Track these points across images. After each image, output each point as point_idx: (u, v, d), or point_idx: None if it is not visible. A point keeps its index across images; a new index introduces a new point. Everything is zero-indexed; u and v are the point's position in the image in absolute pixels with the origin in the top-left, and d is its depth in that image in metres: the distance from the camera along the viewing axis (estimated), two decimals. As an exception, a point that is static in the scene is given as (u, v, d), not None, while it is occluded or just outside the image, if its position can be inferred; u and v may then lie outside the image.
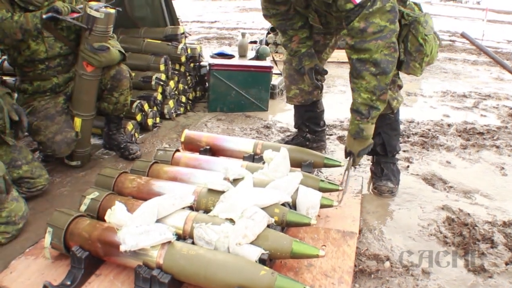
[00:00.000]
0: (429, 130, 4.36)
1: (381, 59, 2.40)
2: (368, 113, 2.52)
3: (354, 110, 2.57)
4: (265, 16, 3.12)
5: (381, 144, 2.96)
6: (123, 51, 3.30)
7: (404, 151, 3.74)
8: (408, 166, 3.46)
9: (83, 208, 2.32)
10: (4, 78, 4.15)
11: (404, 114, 4.68)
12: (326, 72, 3.16)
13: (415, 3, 2.75)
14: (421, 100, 5.68)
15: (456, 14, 22.21)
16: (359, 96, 2.52)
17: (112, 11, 2.99)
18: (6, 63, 4.48)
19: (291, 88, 3.39)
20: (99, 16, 2.86)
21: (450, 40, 11.87)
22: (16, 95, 3.59)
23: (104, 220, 2.10)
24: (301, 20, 2.99)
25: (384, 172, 3.00)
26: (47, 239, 2.09)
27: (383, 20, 2.35)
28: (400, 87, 2.85)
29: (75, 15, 2.98)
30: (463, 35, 3.62)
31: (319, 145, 3.65)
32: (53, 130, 3.03)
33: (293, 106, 3.57)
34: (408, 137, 4.12)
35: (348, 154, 2.72)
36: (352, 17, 2.39)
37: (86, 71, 3.07)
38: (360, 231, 2.51)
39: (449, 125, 4.55)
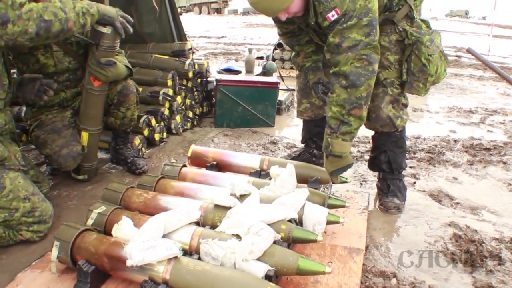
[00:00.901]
0: (435, 146, 4.36)
1: (351, 71, 2.42)
2: (337, 128, 2.52)
3: (327, 124, 2.60)
4: (278, 34, 3.19)
5: (387, 161, 2.96)
6: (130, 66, 3.32)
7: (410, 167, 3.74)
8: (414, 183, 3.45)
9: (90, 222, 2.32)
10: None
11: (410, 130, 4.68)
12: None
13: (423, 20, 2.76)
14: (427, 116, 5.68)
15: (462, 30, 22.28)
16: (330, 110, 2.54)
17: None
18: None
19: (302, 102, 3.42)
20: (106, 32, 2.87)
21: (456, 56, 11.90)
22: (24, 108, 3.65)
23: (111, 235, 2.11)
24: (307, 36, 3.02)
25: (391, 188, 3.00)
26: (54, 252, 2.10)
27: (359, 35, 2.39)
28: (405, 105, 2.85)
29: None
30: (469, 51, 3.63)
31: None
32: (59, 144, 3.05)
33: (301, 120, 3.57)
34: (414, 153, 4.12)
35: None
36: (329, 33, 2.46)
37: (93, 86, 3.08)
38: (366, 247, 2.50)
39: (455, 141, 4.54)
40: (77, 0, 2.56)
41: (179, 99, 4.49)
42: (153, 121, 4.09)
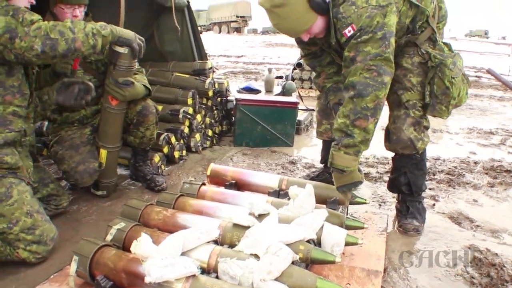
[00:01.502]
0: (455, 167, 4.32)
1: (359, 81, 2.41)
2: (340, 140, 2.51)
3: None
4: (301, 55, 3.22)
5: (407, 183, 2.94)
6: (148, 86, 3.34)
7: (430, 189, 3.71)
8: (434, 204, 3.42)
9: (109, 238, 2.33)
10: None
11: (430, 151, 4.65)
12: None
13: (445, 43, 2.77)
14: (447, 137, 5.65)
15: (482, 50, 22.16)
16: (336, 122, 2.54)
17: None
18: None
19: (322, 123, 3.42)
20: (123, 51, 2.90)
21: (476, 76, 11.85)
22: (46, 123, 3.72)
23: (129, 251, 2.12)
24: (329, 57, 3.04)
25: (410, 210, 2.97)
26: (73, 267, 2.12)
27: (374, 48, 2.40)
28: (426, 128, 2.84)
29: None
30: (489, 71, 3.62)
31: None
32: (76, 160, 3.09)
33: (321, 141, 3.58)
34: (434, 175, 4.09)
35: None
36: (345, 48, 2.48)
37: (111, 105, 3.12)
38: (385, 269, 2.47)
39: (475, 163, 4.50)
40: (91, 22, 2.61)
41: (199, 117, 4.52)
42: (173, 139, 4.12)
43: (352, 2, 2.41)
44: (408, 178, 2.92)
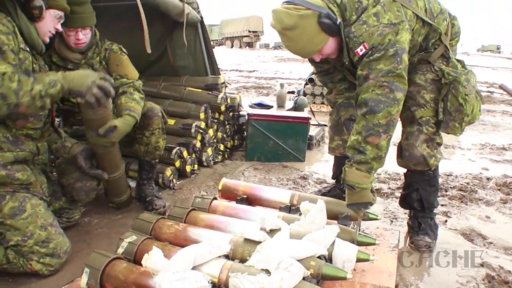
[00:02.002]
0: (467, 183, 4.29)
1: (371, 98, 2.42)
2: (353, 156, 2.50)
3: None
4: (313, 72, 3.25)
5: (419, 200, 2.93)
6: (135, 115, 3.05)
7: (442, 205, 3.69)
8: (446, 221, 3.39)
9: (120, 250, 2.34)
10: None
11: (442, 167, 4.61)
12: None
13: (458, 60, 2.77)
14: (459, 153, 5.62)
15: (494, 65, 22.06)
16: (349, 139, 2.53)
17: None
18: None
19: (334, 138, 3.41)
20: (80, 101, 2.55)
21: (488, 91, 11.80)
22: None
23: (140, 264, 2.13)
24: (341, 74, 3.05)
25: (422, 226, 2.95)
26: (84, 279, 2.13)
27: (386, 65, 2.40)
28: (439, 144, 2.83)
29: None
30: (501, 87, 3.61)
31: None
32: (74, 176, 3.02)
33: (332, 156, 3.57)
34: (446, 191, 4.06)
35: None
36: (358, 67, 2.50)
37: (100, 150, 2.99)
38: (396, 286, 2.45)
39: (488, 179, 4.47)
40: (42, 77, 2.36)
41: (211, 132, 4.54)
42: (185, 153, 4.14)
43: (363, 21, 2.42)
44: (420, 195, 2.91)
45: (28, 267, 2.44)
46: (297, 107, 6.36)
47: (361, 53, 2.44)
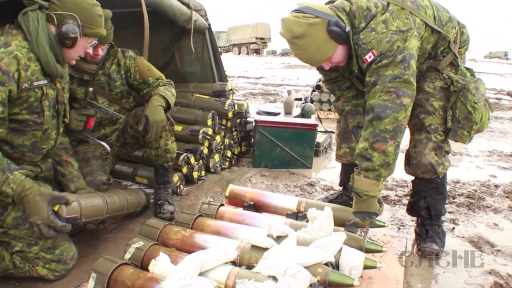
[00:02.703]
0: (475, 191, 4.27)
1: (377, 104, 2.41)
2: (360, 164, 2.49)
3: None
4: (322, 81, 3.26)
5: (426, 207, 2.91)
6: (165, 93, 3.28)
7: (449, 212, 3.67)
8: (453, 228, 3.37)
9: (127, 256, 2.35)
10: None
11: (450, 174, 4.57)
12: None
13: (467, 69, 2.77)
14: (466, 160, 5.60)
15: (502, 71, 21.98)
16: (357, 147, 2.53)
17: None
18: None
19: (342, 146, 3.39)
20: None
21: (496, 98, 11.75)
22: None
23: (147, 270, 2.13)
24: (348, 81, 3.05)
25: (429, 234, 2.94)
26: (91, 284, 2.14)
27: (394, 71, 2.41)
28: (447, 152, 2.82)
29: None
30: (509, 94, 3.61)
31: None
32: (85, 172, 3.10)
33: (340, 164, 3.55)
34: (453, 198, 4.04)
35: None
36: (367, 74, 2.50)
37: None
38: (403, 294, 2.45)
39: (496, 186, 4.45)
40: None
41: (218, 138, 4.55)
42: (192, 159, 4.15)
43: (371, 29, 2.44)
44: (428, 202, 2.90)
45: (34, 272, 2.44)
46: (304, 114, 6.35)
47: (369, 60, 2.45)
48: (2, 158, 2.23)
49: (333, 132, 5.78)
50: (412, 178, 2.98)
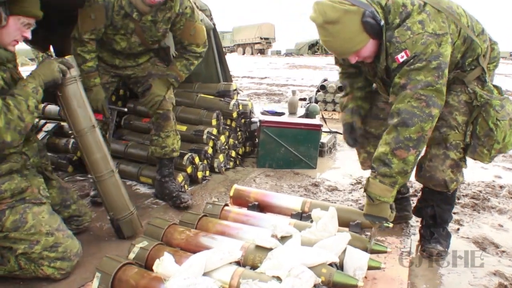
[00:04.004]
0: (480, 191, 4.25)
1: (405, 109, 2.33)
2: (378, 168, 2.41)
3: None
4: (338, 72, 3.16)
5: (432, 215, 2.88)
6: (173, 75, 3.63)
7: (454, 213, 3.63)
8: (458, 229, 3.36)
9: (131, 256, 2.36)
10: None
11: (455, 175, 4.59)
12: (360, 132, 3.05)
13: (495, 86, 2.65)
14: (471, 160, 5.52)
15: (507, 72, 21.86)
16: (376, 151, 2.45)
17: None
18: (48, 108, 4.77)
19: (360, 152, 3.26)
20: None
21: (502, 100, 11.69)
22: (72, 141, 3.87)
23: (151, 270, 2.14)
24: (362, 82, 3.01)
25: (434, 235, 2.93)
26: (95, 283, 2.14)
27: (427, 77, 2.32)
28: (463, 167, 2.75)
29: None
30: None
31: (402, 215, 3.36)
32: None
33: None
34: (458, 199, 4.02)
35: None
36: (397, 74, 2.41)
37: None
38: (408, 295, 2.44)
39: (501, 187, 4.42)
40: (27, 88, 2.40)
41: (222, 138, 4.55)
42: (197, 159, 4.15)
43: (407, 27, 2.35)
44: (435, 211, 2.85)
45: (40, 272, 2.44)
46: (308, 114, 6.34)
47: (401, 60, 2.36)
48: (18, 100, 2.32)
49: (338, 132, 5.78)
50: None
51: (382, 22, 2.38)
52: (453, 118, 2.61)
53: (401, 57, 2.36)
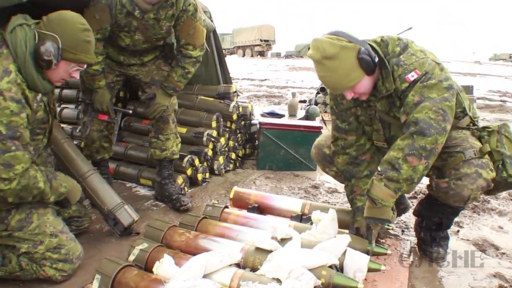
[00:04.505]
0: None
1: (423, 119, 2.32)
2: (385, 171, 2.39)
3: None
4: (331, 114, 3.05)
5: (439, 224, 2.86)
6: (171, 87, 3.58)
7: (454, 215, 3.65)
8: (458, 231, 3.36)
9: (131, 258, 2.36)
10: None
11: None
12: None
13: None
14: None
15: (507, 73, 21.87)
16: (387, 154, 2.43)
17: None
18: (64, 112, 4.79)
19: (326, 171, 3.25)
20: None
21: (501, 101, 11.70)
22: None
23: (151, 272, 2.14)
24: (355, 134, 2.89)
25: (436, 239, 2.91)
26: (95, 285, 2.15)
27: (440, 95, 2.35)
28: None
29: None
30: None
31: (399, 209, 3.32)
32: None
33: None
34: (458, 202, 4.02)
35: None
36: (408, 94, 2.42)
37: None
38: (408, 297, 2.44)
39: (501, 190, 4.42)
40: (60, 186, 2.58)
41: (222, 140, 4.55)
42: (197, 161, 4.15)
43: (412, 53, 2.45)
44: (442, 221, 2.84)
45: (41, 274, 2.45)
46: (308, 116, 6.35)
47: (412, 79, 2.40)
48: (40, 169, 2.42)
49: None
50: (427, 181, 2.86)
51: (377, 59, 2.44)
52: (467, 141, 2.59)
53: (412, 76, 2.41)
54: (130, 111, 3.88)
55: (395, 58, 2.46)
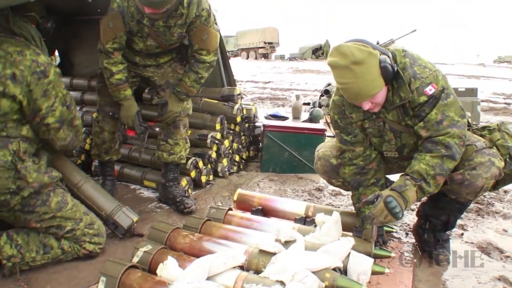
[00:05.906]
0: (484, 196, 4.22)
1: (453, 145, 2.43)
2: (419, 180, 2.47)
3: (407, 173, 2.52)
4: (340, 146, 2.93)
5: (445, 222, 2.84)
6: (184, 92, 3.58)
7: (457, 218, 3.64)
8: (462, 234, 3.35)
9: (135, 259, 2.36)
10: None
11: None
12: None
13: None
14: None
15: (511, 76, 21.81)
16: (418, 165, 2.48)
17: None
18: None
19: (332, 182, 3.23)
20: None
21: (505, 103, 11.68)
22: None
23: (155, 274, 2.14)
24: (367, 145, 2.88)
25: (439, 241, 2.91)
26: (100, 287, 2.14)
27: (456, 115, 2.46)
28: None
29: None
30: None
31: None
32: None
33: None
34: (462, 204, 4.01)
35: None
36: (427, 109, 2.47)
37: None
38: (412, 300, 2.44)
39: (505, 192, 4.40)
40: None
41: (226, 142, 4.55)
42: (200, 163, 4.16)
43: (423, 66, 2.49)
44: (449, 219, 2.85)
45: (82, 252, 2.73)
46: (312, 118, 6.33)
47: (430, 93, 2.45)
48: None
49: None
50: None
51: (396, 68, 2.46)
52: (473, 137, 2.67)
53: (429, 90, 2.46)
54: (157, 129, 3.75)
55: (411, 69, 2.49)
